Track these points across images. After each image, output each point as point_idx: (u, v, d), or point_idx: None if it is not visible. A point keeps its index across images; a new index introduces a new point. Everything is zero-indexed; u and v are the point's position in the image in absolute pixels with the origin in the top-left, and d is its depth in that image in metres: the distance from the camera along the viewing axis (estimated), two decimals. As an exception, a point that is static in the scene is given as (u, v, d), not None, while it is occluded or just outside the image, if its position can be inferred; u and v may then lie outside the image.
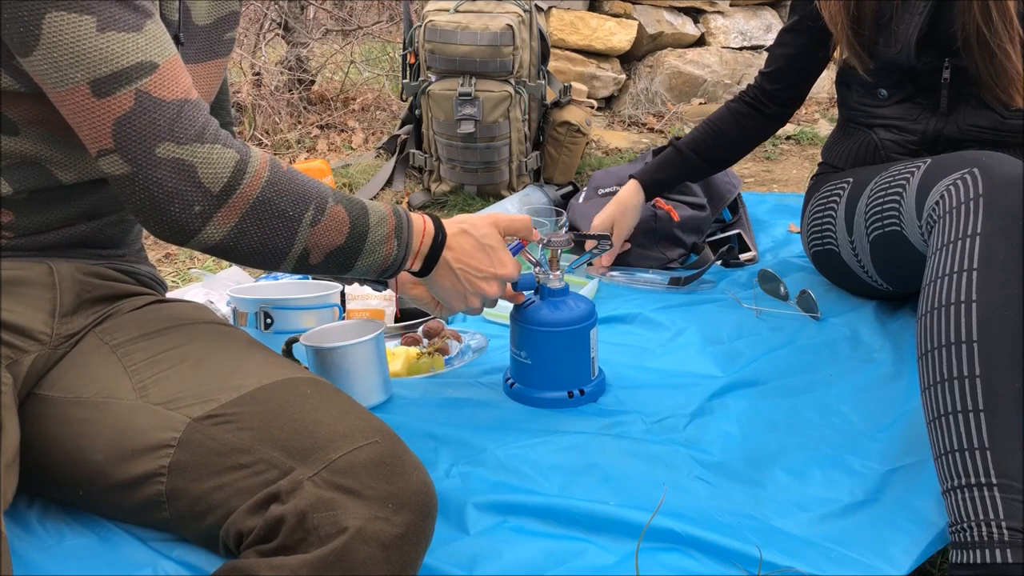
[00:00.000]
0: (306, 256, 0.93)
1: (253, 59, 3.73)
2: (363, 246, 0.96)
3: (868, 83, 1.56)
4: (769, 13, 4.23)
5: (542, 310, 1.30)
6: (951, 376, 1.01)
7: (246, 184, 0.86)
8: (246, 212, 0.87)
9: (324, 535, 0.75)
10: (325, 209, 0.92)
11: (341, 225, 0.94)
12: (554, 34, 3.67)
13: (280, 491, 0.78)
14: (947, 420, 1.00)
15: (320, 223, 0.91)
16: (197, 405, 0.87)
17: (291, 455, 0.81)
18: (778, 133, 3.59)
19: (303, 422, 0.83)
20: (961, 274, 1.05)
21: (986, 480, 0.95)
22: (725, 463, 1.16)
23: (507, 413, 1.29)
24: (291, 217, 0.89)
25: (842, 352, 1.46)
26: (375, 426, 0.84)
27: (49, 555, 0.93)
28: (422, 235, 1.04)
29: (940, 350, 1.03)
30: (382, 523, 0.77)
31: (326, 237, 0.93)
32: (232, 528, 0.81)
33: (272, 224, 0.88)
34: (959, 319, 1.03)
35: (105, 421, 0.89)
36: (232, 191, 0.86)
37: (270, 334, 1.53)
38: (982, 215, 1.08)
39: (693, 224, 2.00)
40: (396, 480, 0.79)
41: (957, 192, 1.13)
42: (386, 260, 0.99)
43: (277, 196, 0.88)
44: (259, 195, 0.87)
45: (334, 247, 0.94)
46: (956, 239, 1.09)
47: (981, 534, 0.93)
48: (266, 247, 0.90)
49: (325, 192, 0.93)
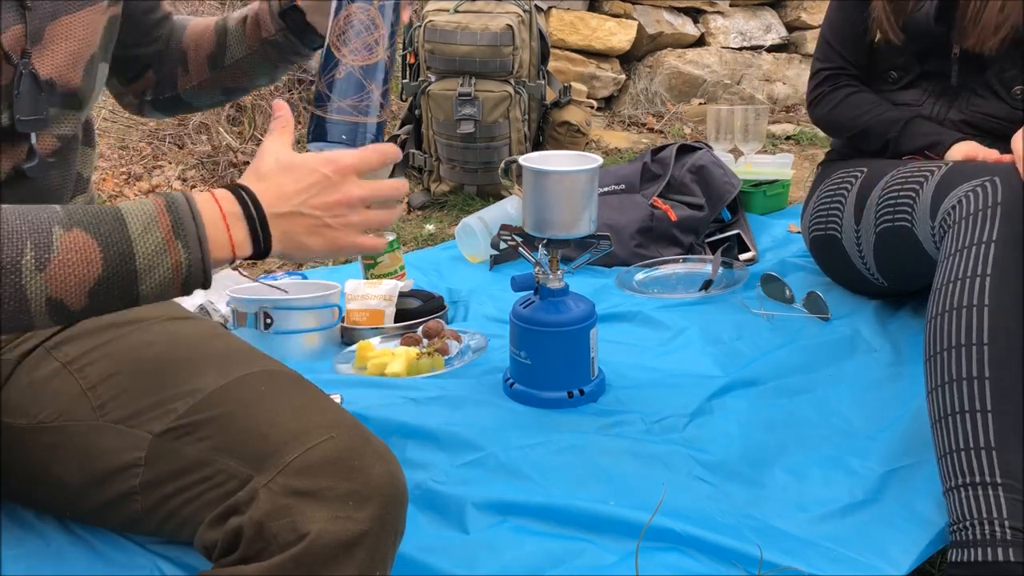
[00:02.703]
0: (61, 305, 0.73)
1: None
2: (133, 266, 0.75)
3: (880, 66, 1.57)
4: (769, 13, 4.23)
5: (542, 310, 1.30)
6: (959, 377, 1.01)
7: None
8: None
9: (284, 543, 0.74)
10: (51, 243, 0.72)
11: (87, 253, 0.73)
12: (554, 34, 3.67)
13: (239, 502, 0.77)
14: (953, 420, 1.00)
15: (51, 262, 0.72)
16: (156, 419, 0.85)
17: (247, 462, 0.79)
18: (778, 133, 3.60)
19: (257, 425, 0.81)
20: (975, 279, 1.06)
21: (990, 479, 0.95)
22: (725, 463, 1.16)
23: (507, 413, 1.29)
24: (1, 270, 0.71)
25: (842, 352, 1.46)
26: (331, 421, 0.81)
27: (49, 556, 0.93)
28: (218, 212, 0.80)
29: (950, 351, 1.03)
30: (343, 522, 0.74)
31: (71, 275, 0.73)
32: (199, 542, 0.81)
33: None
34: (970, 322, 1.03)
35: (71, 445, 0.88)
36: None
37: (270, 334, 1.53)
38: (999, 223, 1.09)
39: (691, 224, 2.00)
40: (356, 475, 0.77)
41: (976, 198, 1.13)
42: (177, 270, 0.77)
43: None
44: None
45: (93, 282, 0.74)
46: (971, 244, 1.09)
47: (983, 532, 0.94)
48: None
49: (48, 221, 0.73)
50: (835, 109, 1.65)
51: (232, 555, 0.76)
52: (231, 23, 1.11)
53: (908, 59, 1.54)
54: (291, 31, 1.06)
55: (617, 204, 2.04)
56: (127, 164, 3.21)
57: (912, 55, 1.53)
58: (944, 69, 1.51)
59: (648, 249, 1.96)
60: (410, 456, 1.15)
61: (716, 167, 2.10)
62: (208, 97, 1.15)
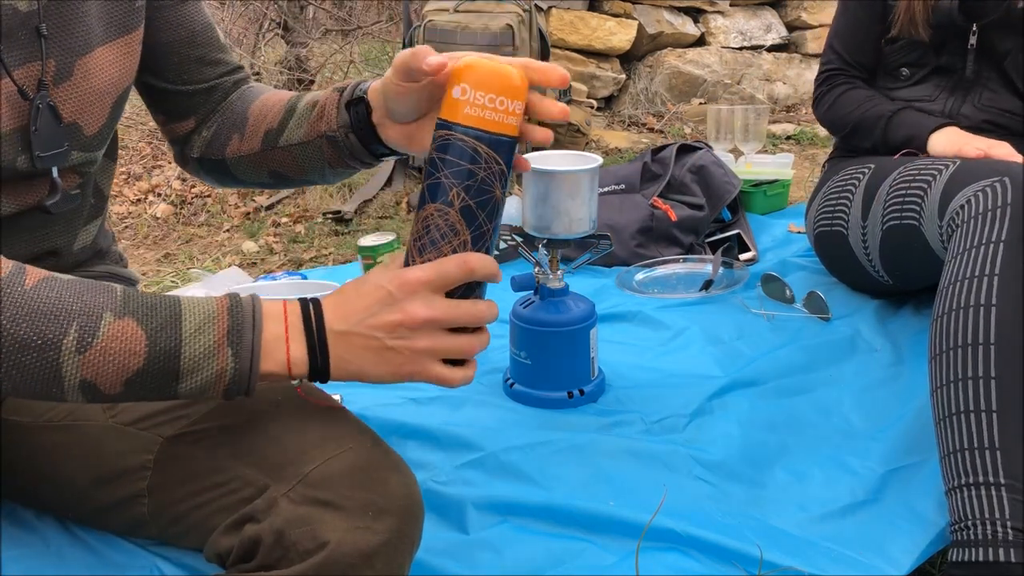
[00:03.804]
0: (93, 388, 0.72)
1: (252, 59, 3.73)
2: (177, 365, 0.72)
3: (891, 64, 1.58)
4: (769, 13, 4.23)
5: (542, 310, 1.30)
6: (965, 376, 1.01)
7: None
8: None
9: (303, 551, 0.73)
10: (98, 329, 0.71)
11: (132, 344, 0.72)
12: (554, 34, 3.67)
13: (256, 510, 0.77)
14: (958, 419, 1.00)
15: (93, 347, 0.70)
16: (168, 424, 0.84)
17: (264, 471, 0.79)
18: (778, 133, 3.59)
19: (275, 434, 0.81)
20: (982, 279, 1.05)
21: (993, 480, 0.95)
22: (725, 463, 1.16)
23: (507, 413, 1.29)
24: (40, 347, 0.69)
25: (843, 353, 1.46)
26: (349, 431, 0.81)
27: (49, 556, 0.93)
28: (282, 324, 0.76)
29: (956, 351, 1.03)
30: (363, 532, 0.74)
31: (111, 363, 0.71)
32: (211, 549, 0.81)
33: (18, 359, 0.69)
34: (977, 321, 1.03)
35: (80, 445, 0.88)
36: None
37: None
38: (1008, 223, 1.09)
39: (691, 224, 1.99)
40: (375, 486, 0.76)
41: (985, 199, 1.13)
42: (222, 376, 0.73)
43: (12, 323, 0.69)
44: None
45: (132, 372, 0.72)
46: (979, 244, 1.09)
47: (984, 532, 0.93)
48: (27, 387, 0.71)
49: (100, 306, 0.71)
50: (831, 108, 1.66)
51: (249, 563, 0.76)
52: (301, 103, 0.99)
53: (923, 53, 1.54)
54: (354, 129, 0.93)
55: (617, 204, 2.04)
56: (127, 164, 3.21)
57: (929, 48, 1.53)
58: (958, 62, 1.51)
59: (648, 249, 1.95)
60: (410, 456, 1.15)
61: (716, 167, 2.10)
62: (255, 175, 1.03)
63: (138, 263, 2.41)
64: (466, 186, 0.75)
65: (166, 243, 2.56)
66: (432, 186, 0.77)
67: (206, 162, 1.05)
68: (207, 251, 2.44)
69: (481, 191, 0.76)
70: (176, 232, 2.60)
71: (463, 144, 0.75)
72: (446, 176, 0.76)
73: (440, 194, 0.76)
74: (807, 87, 4.24)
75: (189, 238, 2.55)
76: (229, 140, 1.02)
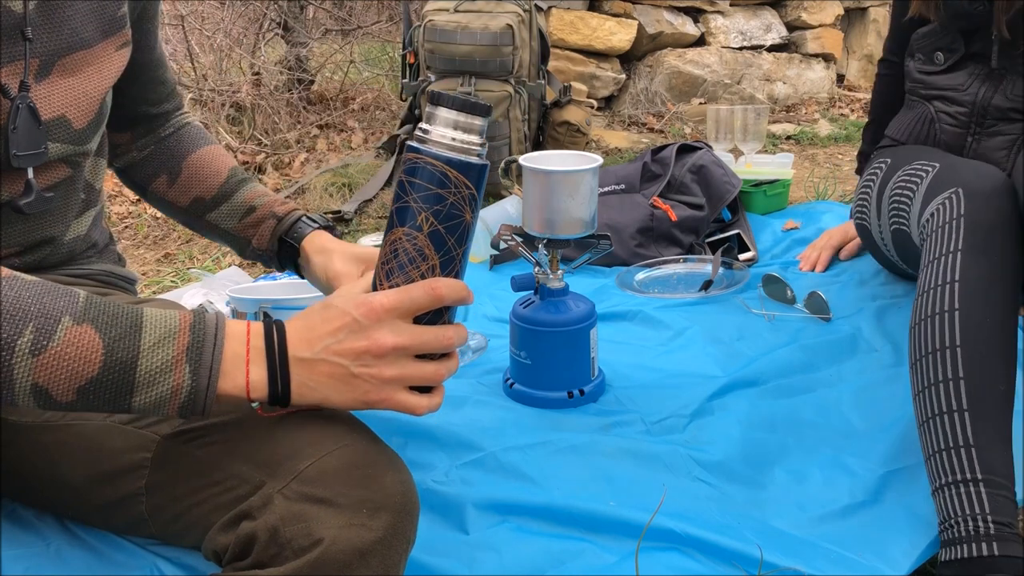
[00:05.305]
0: (45, 394, 0.70)
1: (252, 59, 3.73)
2: (132, 377, 0.71)
3: (927, 47, 1.60)
4: (769, 13, 4.22)
5: (542, 310, 1.30)
6: (937, 380, 1.06)
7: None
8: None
9: (298, 548, 0.73)
10: (55, 333, 0.69)
11: (87, 352, 0.70)
12: (554, 34, 3.66)
13: (251, 507, 0.77)
14: (935, 421, 1.04)
15: (47, 351, 0.69)
16: (165, 422, 0.84)
17: (260, 468, 0.79)
18: (778, 133, 3.59)
19: (271, 431, 0.81)
20: (945, 286, 1.13)
21: (972, 476, 0.98)
22: (725, 463, 1.16)
23: (507, 413, 1.29)
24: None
25: (843, 353, 1.46)
26: (345, 428, 0.81)
27: (49, 556, 0.93)
28: (244, 346, 0.74)
29: (928, 356, 1.09)
30: (358, 529, 0.74)
31: (64, 368, 0.70)
32: (208, 547, 0.81)
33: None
34: (943, 327, 1.09)
35: (78, 444, 0.88)
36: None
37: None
38: (963, 233, 1.17)
39: (691, 224, 2.00)
40: (370, 483, 0.76)
41: (945, 211, 1.21)
42: (177, 393, 0.72)
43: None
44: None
45: (85, 380, 0.70)
46: (941, 255, 1.17)
47: (968, 529, 0.95)
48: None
49: (59, 310, 0.70)
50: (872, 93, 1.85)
51: (244, 560, 0.76)
52: (240, 193, 1.06)
53: (954, 38, 1.55)
54: (279, 256, 1.06)
55: (617, 204, 2.04)
56: (127, 164, 3.21)
57: (958, 34, 1.53)
58: (987, 50, 1.51)
59: (648, 249, 1.96)
60: (410, 456, 1.15)
61: (716, 167, 2.10)
62: (170, 214, 1.14)
63: (138, 263, 2.41)
64: (435, 211, 0.74)
65: (166, 243, 2.56)
66: (400, 209, 0.75)
67: (127, 177, 1.14)
68: (207, 251, 2.44)
69: (451, 216, 0.75)
70: (176, 232, 2.60)
71: (432, 168, 0.74)
72: (415, 200, 0.74)
73: (408, 218, 0.75)
74: (807, 87, 4.24)
75: (189, 238, 2.55)
76: (157, 176, 1.11)
